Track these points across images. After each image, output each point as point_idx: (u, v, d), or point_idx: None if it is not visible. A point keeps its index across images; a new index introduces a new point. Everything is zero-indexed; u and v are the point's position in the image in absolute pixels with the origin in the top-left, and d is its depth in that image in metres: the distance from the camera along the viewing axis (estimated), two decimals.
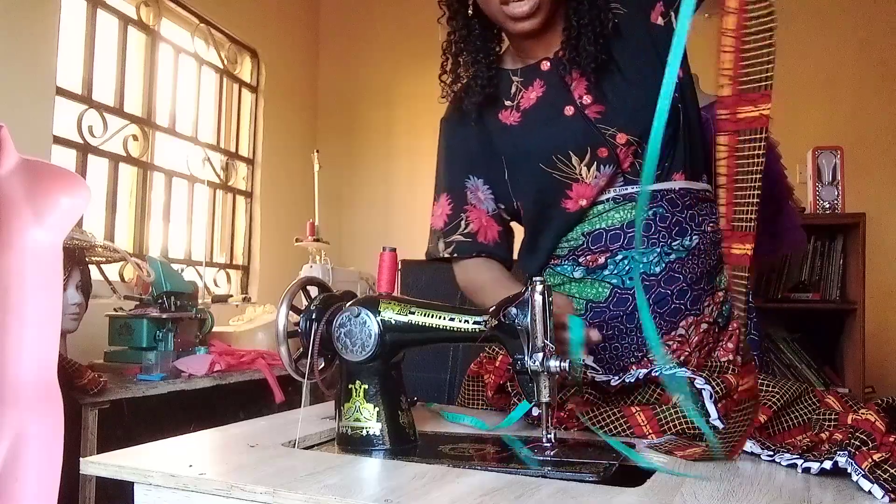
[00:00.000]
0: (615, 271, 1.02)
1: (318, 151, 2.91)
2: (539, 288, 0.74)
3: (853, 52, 2.96)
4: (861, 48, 2.95)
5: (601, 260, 1.02)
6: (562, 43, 1.04)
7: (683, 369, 0.86)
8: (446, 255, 1.14)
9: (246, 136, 3.41)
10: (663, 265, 1.00)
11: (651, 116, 0.70)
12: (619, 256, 1.01)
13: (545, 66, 1.07)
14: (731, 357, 1.00)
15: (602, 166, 1.01)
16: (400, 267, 2.50)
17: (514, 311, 0.76)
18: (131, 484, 0.70)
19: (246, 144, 3.41)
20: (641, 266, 1.01)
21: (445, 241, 1.14)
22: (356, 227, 3.71)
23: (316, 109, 3.88)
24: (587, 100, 1.03)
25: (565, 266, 1.06)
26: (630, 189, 1.02)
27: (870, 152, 2.87)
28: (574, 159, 1.02)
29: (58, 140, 2.33)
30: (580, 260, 1.04)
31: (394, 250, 0.88)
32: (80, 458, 0.72)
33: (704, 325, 1.02)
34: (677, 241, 1.01)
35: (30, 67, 2.21)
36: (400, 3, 3.66)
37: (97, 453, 0.74)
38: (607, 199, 1.03)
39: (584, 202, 1.03)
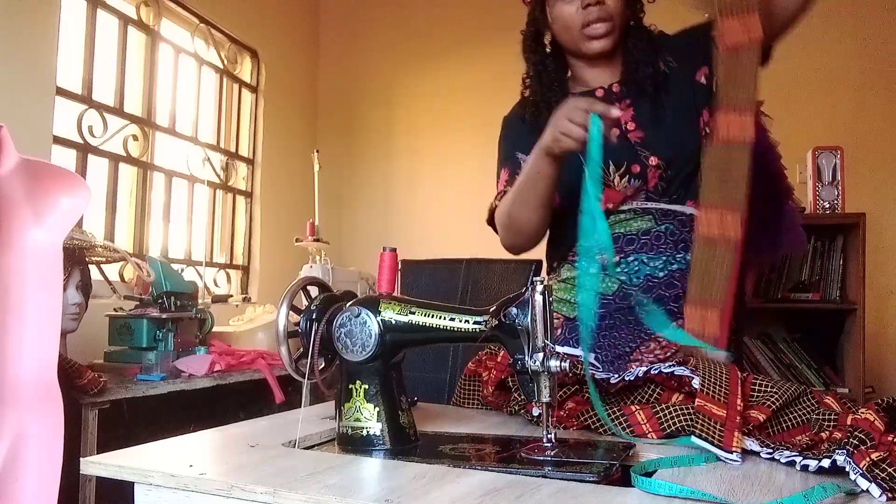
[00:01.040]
0: (626, 270, 1.16)
1: (318, 151, 2.90)
2: (539, 288, 0.74)
3: (853, 52, 2.96)
4: (861, 48, 2.95)
5: (615, 260, 1.16)
6: (622, 72, 1.24)
7: (682, 367, 0.86)
8: (497, 204, 1.27)
9: (246, 136, 3.41)
10: (666, 272, 1.15)
11: (680, 150, 1.15)
12: (631, 258, 1.16)
13: (599, 93, 1.24)
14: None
15: (632, 179, 1.17)
16: (400, 267, 2.50)
17: (514, 311, 0.76)
18: (131, 484, 0.70)
19: (246, 144, 3.41)
20: (648, 269, 1.15)
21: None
22: (356, 227, 3.71)
23: (316, 109, 3.88)
24: (631, 126, 1.20)
25: (583, 263, 1.14)
26: (650, 204, 1.18)
27: (870, 152, 2.87)
28: (612, 168, 1.17)
29: (58, 140, 2.33)
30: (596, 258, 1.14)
31: (394, 250, 0.88)
32: (80, 458, 0.72)
33: None
34: (681, 255, 1.15)
35: (30, 67, 2.21)
36: (400, 3, 3.66)
37: (97, 453, 0.74)
38: (629, 210, 1.18)
39: (610, 205, 1.18)
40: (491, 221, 1.31)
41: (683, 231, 1.17)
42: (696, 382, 0.81)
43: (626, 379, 0.89)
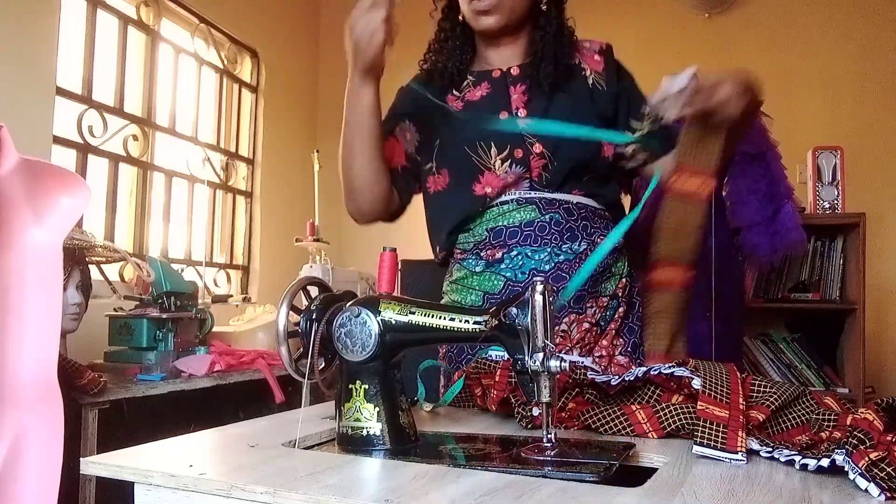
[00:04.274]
0: (510, 265, 1.15)
1: (318, 151, 2.90)
2: (539, 288, 0.74)
3: (854, 52, 2.96)
4: (862, 48, 2.95)
5: (498, 255, 1.15)
6: (528, 57, 1.21)
7: (682, 368, 0.86)
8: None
9: (246, 136, 3.41)
10: (552, 264, 1.13)
11: (567, 144, 1.13)
12: (514, 252, 1.14)
13: (496, 73, 1.23)
14: (606, 353, 1.15)
15: (514, 165, 1.15)
16: (400, 267, 2.50)
17: (514, 311, 0.76)
18: (131, 484, 0.70)
19: (246, 144, 3.41)
20: (532, 263, 1.14)
21: None
22: (356, 227, 3.68)
23: (316, 109, 3.88)
24: (522, 112, 1.18)
25: (469, 260, 1.19)
26: (533, 194, 1.15)
27: (870, 152, 2.87)
28: (493, 150, 1.15)
29: (58, 140, 2.33)
30: (481, 254, 1.18)
31: (394, 250, 0.88)
32: (80, 458, 0.72)
33: (586, 325, 1.14)
34: (567, 245, 1.14)
35: (30, 67, 2.21)
36: (399, 4, 3.65)
37: (97, 453, 0.74)
38: (511, 200, 1.16)
39: (489, 190, 1.16)
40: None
41: (570, 220, 1.15)
42: (696, 383, 0.81)
43: (626, 380, 0.89)
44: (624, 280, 1.19)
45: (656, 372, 0.87)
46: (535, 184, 1.16)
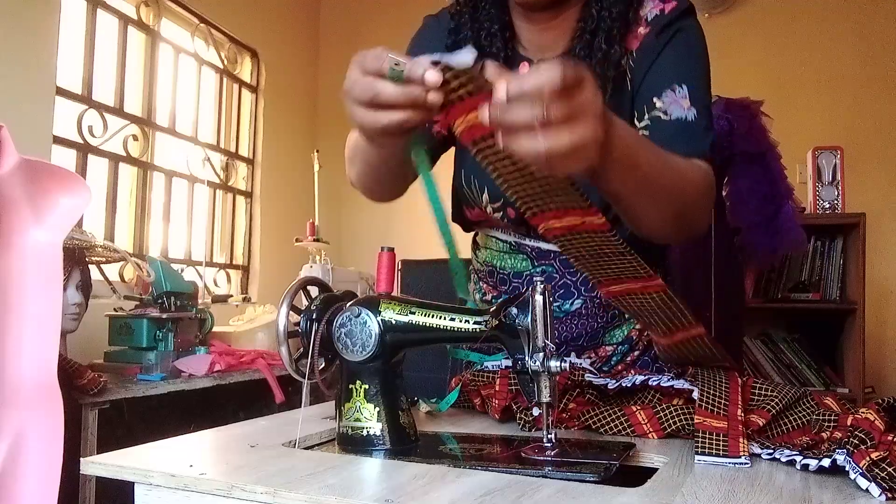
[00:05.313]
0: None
1: (318, 151, 2.91)
2: (539, 288, 0.74)
3: (853, 52, 2.96)
4: (861, 48, 2.95)
5: (494, 293, 1.06)
6: (572, 41, 0.91)
7: (682, 381, 0.86)
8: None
9: (246, 136, 3.41)
10: None
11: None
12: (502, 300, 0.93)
13: (523, 67, 0.96)
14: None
15: (504, 218, 1.00)
16: (400, 267, 2.50)
17: (514, 311, 0.76)
18: (131, 484, 0.70)
19: (246, 144, 3.41)
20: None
21: None
22: (356, 227, 3.71)
23: (316, 109, 3.88)
24: None
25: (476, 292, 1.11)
26: (527, 241, 1.00)
27: (870, 152, 2.87)
28: (485, 196, 1.00)
29: (58, 140, 2.33)
30: (482, 285, 1.09)
31: (391, 250, 0.88)
32: (80, 458, 0.72)
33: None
34: (556, 304, 1.00)
35: (30, 67, 2.21)
36: (400, 4, 3.65)
37: (97, 453, 0.74)
38: (504, 241, 1.03)
39: (478, 218, 1.04)
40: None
41: (566, 273, 0.99)
42: (695, 395, 0.81)
43: (624, 385, 0.89)
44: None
45: (655, 382, 0.88)
46: (529, 230, 1.00)
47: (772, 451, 0.72)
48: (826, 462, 0.65)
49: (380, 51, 0.57)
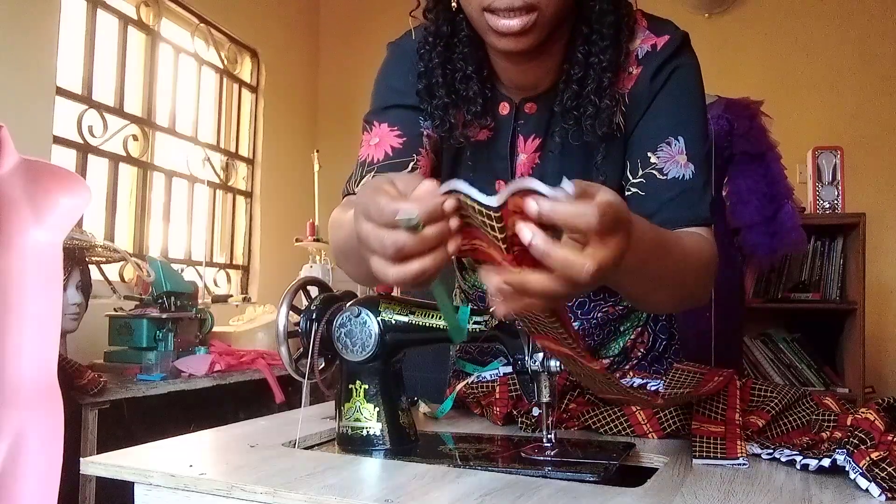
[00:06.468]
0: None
1: (318, 151, 2.90)
2: None
3: (853, 52, 2.96)
4: (861, 48, 2.95)
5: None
6: (558, 77, 0.84)
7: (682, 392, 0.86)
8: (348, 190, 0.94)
9: (246, 136, 3.41)
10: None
11: None
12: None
13: (504, 109, 0.89)
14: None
15: None
16: None
17: None
18: (131, 484, 0.70)
19: (246, 144, 3.41)
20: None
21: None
22: None
23: (316, 109, 3.88)
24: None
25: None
26: None
27: (870, 152, 2.87)
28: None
29: (58, 140, 2.33)
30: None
31: None
32: (80, 458, 0.72)
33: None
34: None
35: (30, 67, 2.21)
36: (400, 4, 3.64)
37: (97, 453, 0.74)
38: None
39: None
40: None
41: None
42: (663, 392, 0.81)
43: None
44: (639, 328, 1.00)
45: (653, 388, 0.88)
46: None
47: (772, 451, 0.72)
48: (826, 462, 0.65)
49: (384, 202, 0.47)
